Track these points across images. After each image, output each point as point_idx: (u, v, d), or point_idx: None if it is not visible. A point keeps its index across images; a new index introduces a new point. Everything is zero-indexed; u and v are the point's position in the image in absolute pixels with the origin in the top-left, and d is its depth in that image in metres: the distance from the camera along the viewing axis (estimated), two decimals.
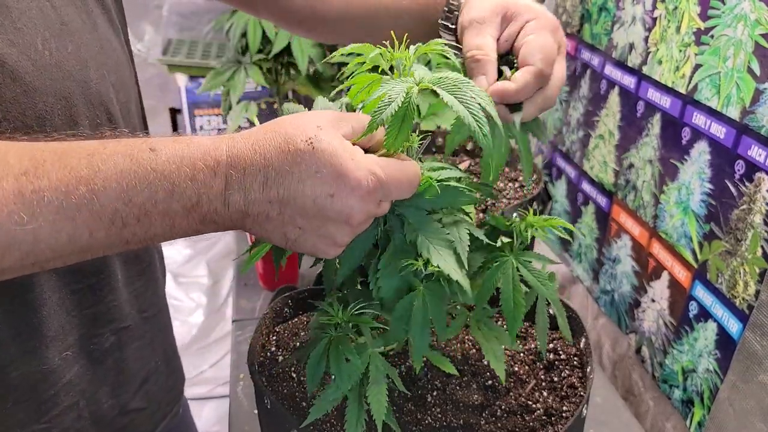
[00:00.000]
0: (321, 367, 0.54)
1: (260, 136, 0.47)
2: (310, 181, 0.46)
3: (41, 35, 0.54)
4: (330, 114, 0.50)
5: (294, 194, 0.46)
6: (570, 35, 1.24)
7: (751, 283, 0.80)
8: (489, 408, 0.65)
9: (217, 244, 2.54)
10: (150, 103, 3.11)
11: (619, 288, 1.12)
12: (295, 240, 0.49)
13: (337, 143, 0.47)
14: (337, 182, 0.46)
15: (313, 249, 0.50)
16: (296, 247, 0.50)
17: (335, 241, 0.49)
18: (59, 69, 0.55)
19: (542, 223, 0.58)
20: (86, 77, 0.58)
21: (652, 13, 0.98)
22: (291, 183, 0.46)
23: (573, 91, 1.25)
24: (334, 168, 0.46)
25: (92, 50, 0.60)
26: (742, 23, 0.79)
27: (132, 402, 0.71)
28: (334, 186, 0.46)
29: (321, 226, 0.48)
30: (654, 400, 1.03)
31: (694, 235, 0.91)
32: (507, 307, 0.55)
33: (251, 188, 0.46)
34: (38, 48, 0.54)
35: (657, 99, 0.98)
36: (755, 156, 0.78)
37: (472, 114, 0.47)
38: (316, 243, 0.49)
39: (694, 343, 0.91)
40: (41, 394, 0.62)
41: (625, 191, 1.09)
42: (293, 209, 0.47)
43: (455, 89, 0.48)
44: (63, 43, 0.56)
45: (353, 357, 0.54)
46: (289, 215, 0.47)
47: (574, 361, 0.71)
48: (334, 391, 0.53)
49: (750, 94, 0.78)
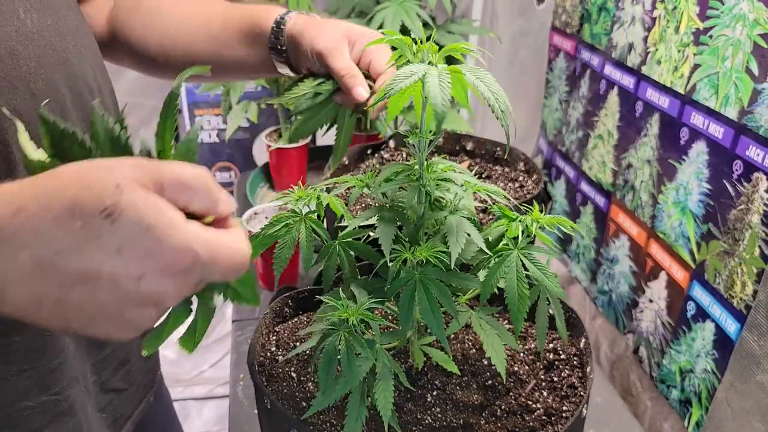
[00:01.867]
0: (334, 362, 0.54)
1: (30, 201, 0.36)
2: (110, 263, 0.36)
3: (23, 5, 0.57)
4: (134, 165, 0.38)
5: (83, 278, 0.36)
6: (569, 35, 1.24)
7: (749, 283, 0.80)
8: (489, 408, 0.65)
9: None
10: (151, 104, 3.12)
11: (617, 288, 1.12)
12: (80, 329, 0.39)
13: (146, 210, 0.36)
14: (145, 262, 0.37)
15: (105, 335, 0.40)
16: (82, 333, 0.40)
17: (138, 326, 0.40)
18: (41, 37, 0.57)
19: (548, 220, 0.58)
20: (65, 49, 0.60)
21: (651, 13, 0.98)
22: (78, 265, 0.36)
23: (572, 91, 1.25)
24: (142, 245, 0.36)
25: (70, 27, 0.62)
26: (741, 23, 0.79)
27: (112, 380, 0.72)
28: (141, 266, 0.36)
29: (121, 313, 0.38)
30: (652, 400, 1.03)
31: (692, 235, 0.91)
32: (512, 299, 0.55)
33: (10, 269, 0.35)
34: (20, 16, 0.56)
35: (656, 99, 0.98)
36: (753, 156, 0.78)
37: (492, 92, 0.50)
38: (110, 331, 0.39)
39: (692, 343, 0.92)
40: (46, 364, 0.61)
41: (623, 191, 1.09)
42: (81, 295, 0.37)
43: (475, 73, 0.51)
44: (43, 15, 0.58)
45: (364, 351, 0.54)
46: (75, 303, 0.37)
47: (573, 361, 0.71)
48: (342, 385, 0.53)
49: (748, 94, 0.78)
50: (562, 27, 1.27)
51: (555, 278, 0.57)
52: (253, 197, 1.48)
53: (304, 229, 0.61)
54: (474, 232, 0.55)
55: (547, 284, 0.57)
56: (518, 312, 0.55)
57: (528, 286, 0.56)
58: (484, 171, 1.07)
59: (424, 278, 0.55)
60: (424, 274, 0.55)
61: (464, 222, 0.56)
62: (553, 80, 1.33)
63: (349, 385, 0.53)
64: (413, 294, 0.54)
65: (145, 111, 2.79)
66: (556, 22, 1.29)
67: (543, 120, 1.39)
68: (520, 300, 0.55)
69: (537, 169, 1.02)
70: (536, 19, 1.40)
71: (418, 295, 0.54)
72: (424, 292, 0.54)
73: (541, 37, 1.38)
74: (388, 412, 0.53)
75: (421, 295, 0.54)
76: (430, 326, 0.54)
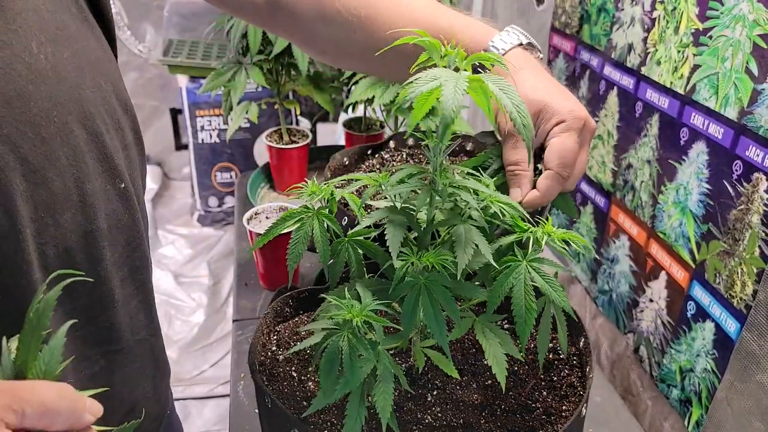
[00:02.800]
0: (336, 362, 0.54)
1: None
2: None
3: (36, 38, 0.52)
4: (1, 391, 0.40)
5: None
6: (569, 36, 1.24)
7: (749, 283, 0.80)
8: (489, 407, 0.65)
9: (217, 245, 2.54)
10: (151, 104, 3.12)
11: (618, 288, 1.12)
12: None
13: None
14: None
15: None
16: None
17: None
18: (55, 74, 0.53)
19: (561, 236, 0.58)
20: (82, 85, 0.56)
21: (651, 14, 0.98)
22: None
23: (572, 92, 1.25)
24: None
25: (90, 59, 0.58)
26: (741, 24, 0.79)
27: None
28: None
29: None
30: (652, 399, 1.03)
31: (692, 235, 0.91)
32: (518, 311, 0.55)
33: None
34: (33, 51, 0.51)
35: (656, 99, 0.98)
36: (753, 156, 0.78)
37: (513, 104, 0.50)
38: None
39: (692, 342, 0.92)
40: None
41: (623, 191, 1.09)
42: None
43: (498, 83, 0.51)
44: (59, 48, 0.54)
45: (367, 353, 0.54)
46: None
47: (573, 360, 0.71)
48: (343, 386, 0.54)
49: (748, 94, 0.79)
50: (561, 28, 1.27)
51: (563, 291, 0.57)
52: (254, 197, 1.48)
53: (317, 224, 0.61)
54: (482, 243, 0.55)
55: (555, 297, 0.56)
56: (524, 324, 0.55)
57: (534, 298, 0.55)
58: None
59: (429, 284, 0.54)
60: (429, 279, 0.55)
61: (473, 231, 0.55)
62: None
63: (349, 386, 0.53)
64: (417, 299, 0.54)
65: (146, 111, 2.81)
66: (555, 22, 1.30)
67: None
68: (527, 312, 0.55)
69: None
70: (536, 20, 1.40)
71: (422, 300, 0.54)
72: (428, 298, 0.54)
73: (540, 37, 1.38)
74: (387, 414, 0.53)
75: (425, 301, 0.54)
76: (432, 332, 0.54)
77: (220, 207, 2.56)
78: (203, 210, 2.57)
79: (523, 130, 0.51)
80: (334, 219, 0.62)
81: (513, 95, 0.51)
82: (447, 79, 0.48)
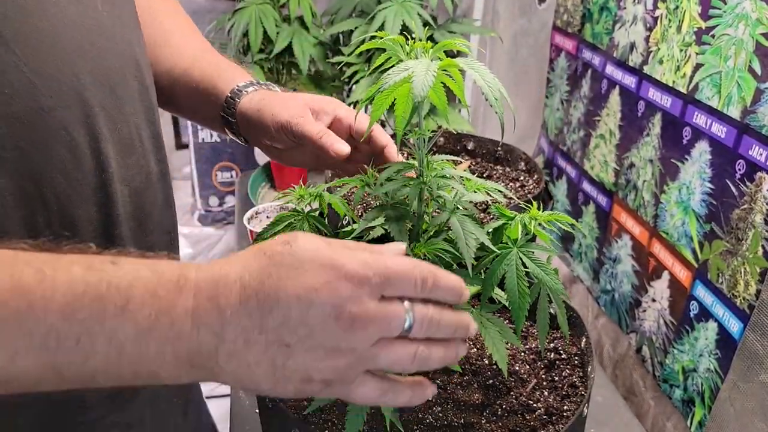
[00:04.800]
0: None
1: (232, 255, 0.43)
2: (292, 280, 0.41)
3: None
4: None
5: (276, 297, 0.40)
6: (571, 35, 1.24)
7: (752, 282, 0.80)
8: (490, 407, 0.65)
9: (218, 244, 2.54)
10: None
11: (620, 287, 1.12)
12: (283, 366, 0.41)
13: (318, 240, 0.43)
14: (321, 273, 0.41)
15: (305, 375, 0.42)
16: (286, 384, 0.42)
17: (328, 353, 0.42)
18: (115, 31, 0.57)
19: (546, 217, 0.58)
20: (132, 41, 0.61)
21: (653, 13, 0.98)
22: (271, 285, 0.41)
23: (574, 91, 1.25)
24: (317, 260, 0.41)
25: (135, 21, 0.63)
26: (743, 23, 0.79)
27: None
28: (318, 277, 0.41)
29: (309, 335, 0.41)
30: (655, 399, 1.03)
31: (694, 234, 0.91)
32: (512, 296, 0.56)
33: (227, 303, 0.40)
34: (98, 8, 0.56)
35: (658, 98, 0.98)
36: (756, 155, 0.78)
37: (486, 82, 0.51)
38: (307, 363, 0.42)
39: (695, 342, 0.91)
40: None
41: (625, 191, 1.09)
42: (276, 319, 0.40)
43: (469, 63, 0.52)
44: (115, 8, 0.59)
45: None
46: (272, 330, 0.41)
47: (575, 360, 0.71)
48: None
49: (751, 93, 0.78)
50: (563, 26, 1.27)
51: (555, 275, 0.57)
52: (255, 197, 1.48)
53: (307, 227, 0.61)
54: (478, 231, 0.55)
55: (547, 281, 0.57)
56: (519, 309, 0.56)
57: (528, 284, 0.56)
58: (485, 171, 1.07)
59: None
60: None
61: (467, 221, 0.56)
62: (554, 80, 1.33)
63: None
64: None
65: None
66: (557, 21, 1.29)
67: (544, 120, 1.39)
68: (521, 297, 0.56)
69: (538, 169, 1.02)
70: (537, 19, 1.40)
71: None
72: None
73: (542, 36, 1.37)
74: (390, 410, 0.53)
75: None
76: None
77: (221, 206, 2.56)
78: (204, 209, 2.57)
79: (496, 103, 0.51)
80: (324, 221, 0.62)
81: (484, 73, 0.52)
82: (418, 65, 0.49)
